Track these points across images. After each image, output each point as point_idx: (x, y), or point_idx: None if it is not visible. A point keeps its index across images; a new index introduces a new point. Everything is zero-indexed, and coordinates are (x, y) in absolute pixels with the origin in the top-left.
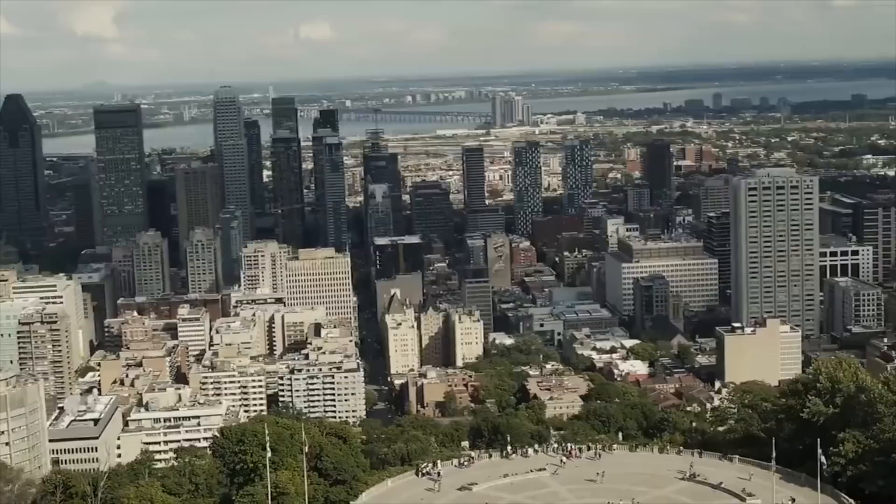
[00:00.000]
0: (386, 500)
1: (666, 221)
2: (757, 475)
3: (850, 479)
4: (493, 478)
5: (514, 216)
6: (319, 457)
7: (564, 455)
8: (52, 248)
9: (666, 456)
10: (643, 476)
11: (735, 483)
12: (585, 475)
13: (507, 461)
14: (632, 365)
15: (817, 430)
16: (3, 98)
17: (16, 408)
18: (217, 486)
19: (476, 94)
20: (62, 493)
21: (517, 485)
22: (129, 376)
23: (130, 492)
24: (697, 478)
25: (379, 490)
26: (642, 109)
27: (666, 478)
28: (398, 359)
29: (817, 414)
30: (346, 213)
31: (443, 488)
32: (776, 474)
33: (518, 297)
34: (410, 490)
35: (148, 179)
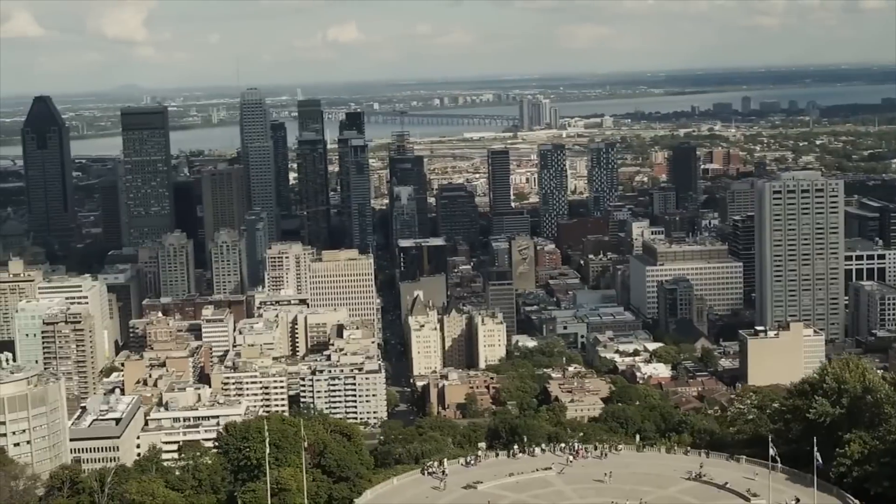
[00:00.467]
0: (391, 497)
1: (692, 224)
2: (763, 475)
3: (855, 479)
4: (498, 477)
5: (540, 219)
6: (323, 454)
7: (571, 455)
8: (79, 249)
9: (673, 456)
10: (649, 476)
11: (740, 483)
12: (591, 475)
13: (513, 461)
14: (654, 368)
15: (824, 430)
16: (32, 100)
17: (37, 406)
18: (222, 482)
19: (504, 97)
20: (69, 488)
21: (522, 484)
22: (152, 376)
23: (132, 487)
24: (703, 478)
25: (384, 488)
26: (670, 113)
27: (671, 478)
28: (420, 360)
29: (824, 415)
30: (371, 215)
31: (448, 487)
32: (782, 474)
33: (542, 300)
34: (416, 488)
35: (174, 181)
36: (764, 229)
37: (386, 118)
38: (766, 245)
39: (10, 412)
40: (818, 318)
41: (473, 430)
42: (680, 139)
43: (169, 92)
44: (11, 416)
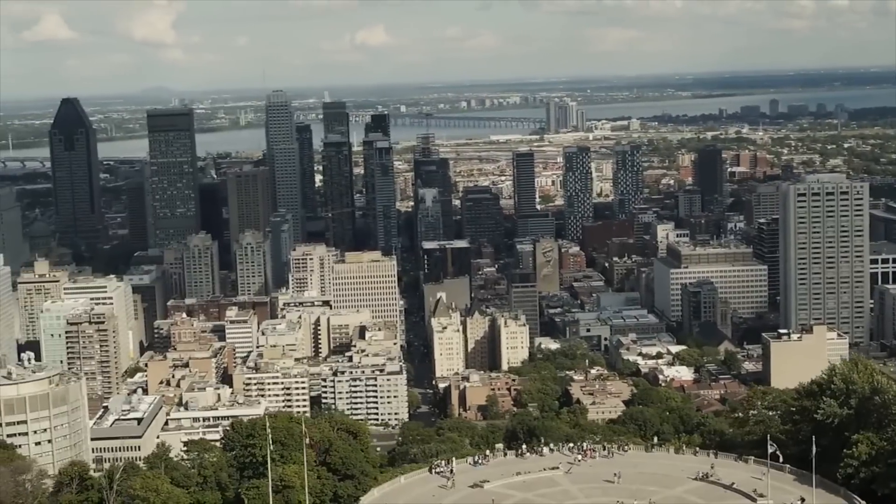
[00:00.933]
0: (398, 496)
1: (717, 227)
2: (771, 476)
3: (862, 480)
4: (505, 476)
5: (565, 221)
6: (328, 452)
7: (580, 454)
8: (106, 250)
9: (681, 456)
10: (656, 476)
11: (748, 483)
12: (599, 474)
13: (521, 460)
14: (677, 370)
15: (831, 431)
16: (60, 102)
17: (58, 406)
18: (229, 480)
19: (531, 99)
20: (78, 484)
21: (529, 483)
22: (175, 377)
23: (137, 483)
24: (710, 478)
25: (392, 486)
26: (697, 115)
27: (679, 478)
28: (443, 362)
29: (831, 415)
30: (396, 217)
31: (455, 485)
32: (790, 475)
33: (566, 302)
34: (423, 487)
35: (200, 182)
36: (788, 232)
37: (413, 121)
38: (790, 248)
39: (31, 411)
40: (843, 322)
41: (492, 431)
42: (707, 142)
43: (197, 94)
44: (33, 416)
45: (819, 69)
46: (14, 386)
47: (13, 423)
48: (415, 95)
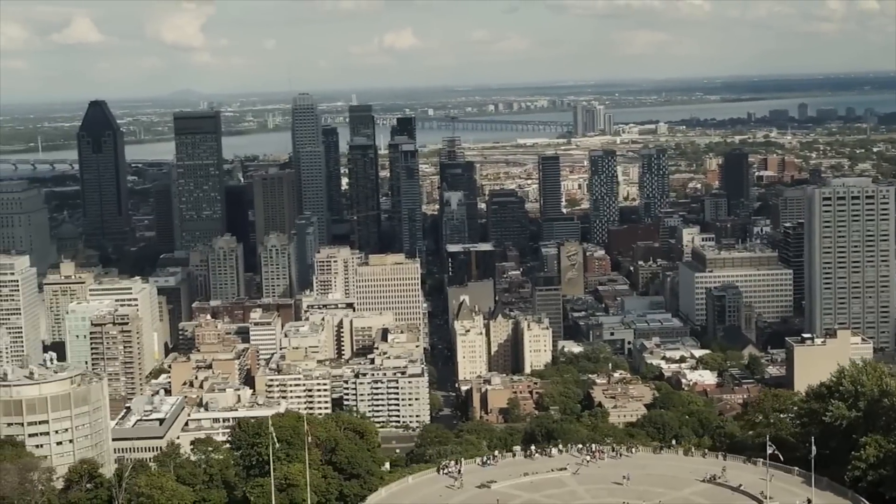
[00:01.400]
0: (405, 495)
1: (743, 231)
2: (779, 478)
3: (870, 483)
4: (513, 476)
5: (590, 225)
6: (334, 451)
7: (589, 455)
8: (133, 252)
9: (690, 458)
10: (664, 477)
11: (755, 485)
12: (606, 476)
13: (530, 461)
14: (700, 375)
15: (840, 433)
16: (88, 105)
17: (79, 406)
18: (235, 478)
19: (558, 103)
20: (88, 482)
21: (536, 484)
22: (198, 378)
23: (142, 480)
24: (718, 480)
25: (399, 486)
26: (726, 119)
27: (686, 480)
28: (466, 365)
29: (840, 418)
30: (421, 220)
31: (462, 486)
32: (798, 477)
33: (590, 306)
34: (430, 487)
35: (226, 185)
36: (813, 236)
37: (439, 124)
38: (815, 252)
39: (52, 411)
40: (868, 327)
41: (510, 433)
42: (734, 146)
43: (225, 97)
44: (54, 415)
45: (849, 73)
46: (36, 386)
47: (35, 423)
48: (442, 99)
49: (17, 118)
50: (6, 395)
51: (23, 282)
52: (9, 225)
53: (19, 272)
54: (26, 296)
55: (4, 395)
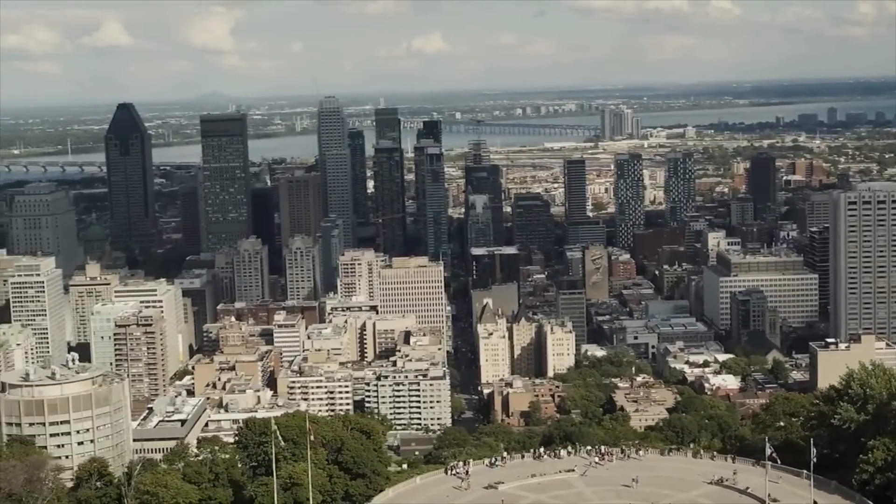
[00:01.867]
0: (412, 495)
1: (770, 236)
2: (787, 481)
3: (878, 486)
4: (521, 477)
5: (616, 229)
6: (340, 451)
7: (598, 457)
8: (159, 254)
9: (699, 461)
10: (671, 480)
11: (763, 488)
12: (614, 477)
13: (538, 462)
14: (723, 379)
15: (849, 436)
16: (115, 107)
17: (101, 406)
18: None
19: (586, 107)
20: (97, 480)
21: (543, 485)
22: (221, 380)
23: (147, 479)
24: (725, 482)
25: (406, 486)
26: (754, 124)
27: (694, 482)
28: (489, 368)
29: (848, 421)
30: (447, 223)
31: (470, 486)
32: (807, 480)
33: (614, 310)
34: (437, 487)
35: (252, 188)
36: (839, 241)
37: (467, 128)
38: (840, 257)
39: (74, 411)
40: (893, 332)
41: (529, 436)
42: (762, 150)
43: (254, 100)
44: (76, 416)
45: (879, 77)
46: (58, 386)
47: (56, 423)
48: (470, 102)
49: (48, 121)
50: (28, 395)
51: (48, 283)
52: (36, 227)
53: (45, 273)
54: (52, 297)
55: (26, 396)
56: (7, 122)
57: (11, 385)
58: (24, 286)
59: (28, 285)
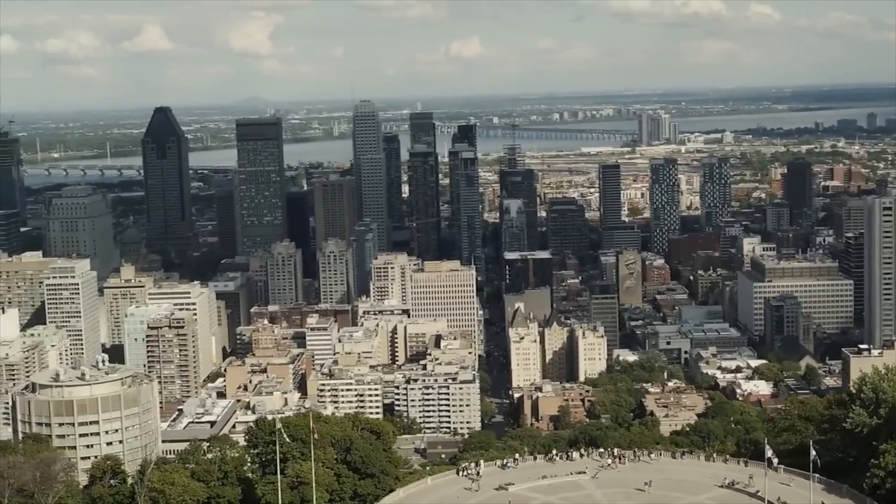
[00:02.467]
0: (422, 496)
1: (805, 241)
2: (799, 485)
3: (888, 491)
4: (532, 479)
5: (651, 234)
6: (349, 450)
7: (610, 459)
8: (195, 257)
9: (711, 464)
10: (682, 482)
11: (773, 491)
12: (625, 480)
13: (550, 464)
14: (755, 385)
15: (861, 440)
16: (153, 111)
17: (130, 407)
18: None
19: (624, 112)
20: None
21: (554, 486)
22: (252, 382)
23: (155, 476)
24: (736, 485)
25: (417, 487)
26: (793, 129)
27: (705, 485)
28: (520, 372)
29: (860, 424)
30: (481, 228)
31: (481, 487)
32: (819, 484)
33: (648, 315)
34: (448, 488)
35: (288, 191)
36: (873, 246)
37: (504, 132)
38: (875, 262)
39: (103, 412)
40: None
41: (555, 440)
42: (798, 155)
43: (292, 104)
44: (105, 416)
45: None
46: (87, 387)
47: (85, 423)
48: (507, 107)
49: (88, 125)
50: (58, 395)
51: (83, 285)
52: (73, 229)
53: (80, 276)
54: (86, 299)
55: (56, 396)
56: (48, 125)
57: (41, 385)
58: (59, 288)
59: (63, 287)
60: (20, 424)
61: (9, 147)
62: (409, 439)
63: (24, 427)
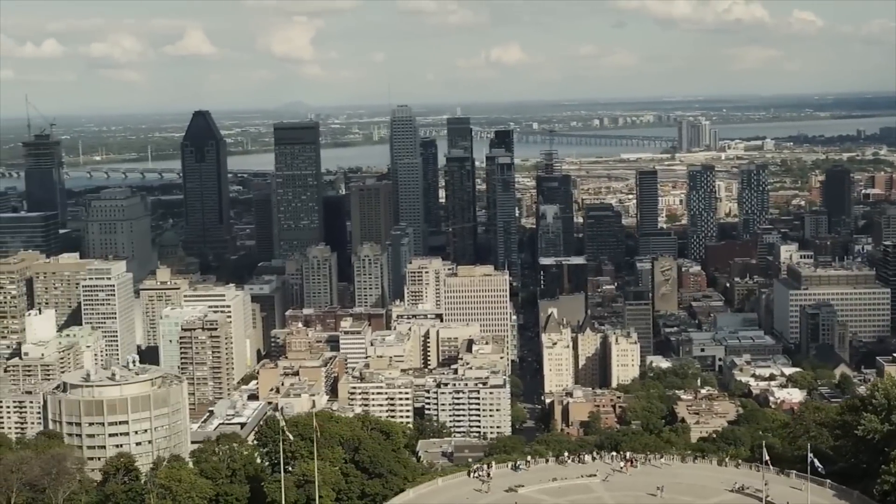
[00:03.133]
0: (431, 497)
1: (844, 249)
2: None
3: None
4: (542, 481)
5: (688, 240)
6: (357, 450)
7: (622, 462)
8: (232, 260)
9: (723, 469)
10: (693, 487)
11: (783, 496)
12: (636, 483)
13: (562, 467)
14: (788, 393)
15: (872, 447)
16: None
17: (159, 407)
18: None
19: (665, 118)
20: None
21: (563, 489)
22: (284, 384)
23: (162, 472)
24: (746, 490)
25: (428, 488)
26: (834, 136)
27: (715, 489)
28: (552, 378)
29: (872, 431)
30: (519, 233)
31: (491, 489)
32: (830, 490)
33: (683, 322)
34: (458, 489)
35: (325, 195)
36: None
37: (543, 138)
38: None
39: (133, 412)
40: None
41: (581, 445)
42: (837, 163)
43: (333, 109)
44: (134, 416)
45: None
46: (117, 387)
47: (115, 423)
48: (548, 113)
49: (130, 128)
50: (88, 395)
51: (119, 287)
52: (111, 231)
53: (115, 277)
54: (122, 300)
55: (87, 396)
56: (91, 128)
57: (72, 385)
58: (94, 289)
59: (99, 289)
60: (51, 424)
61: (50, 150)
62: (436, 443)
63: (55, 426)
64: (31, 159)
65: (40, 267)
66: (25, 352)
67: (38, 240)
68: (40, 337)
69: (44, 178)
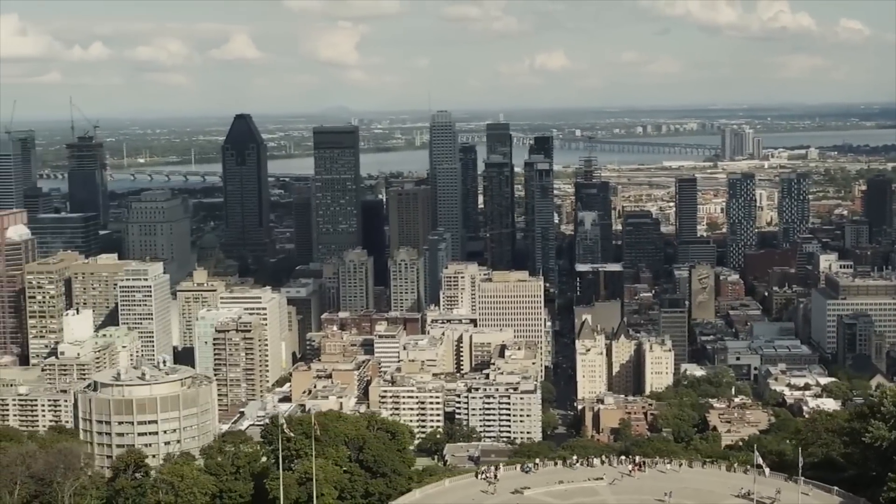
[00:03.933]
0: (438, 497)
1: (884, 259)
2: (817, 497)
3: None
4: (549, 483)
5: (727, 249)
6: (362, 449)
7: (631, 466)
8: (271, 263)
9: (731, 474)
10: (699, 492)
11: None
12: (643, 487)
13: (570, 470)
14: (822, 402)
15: (880, 454)
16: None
17: (188, 407)
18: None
19: (708, 126)
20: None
21: (569, 491)
22: (317, 387)
23: (165, 469)
24: (751, 495)
25: (435, 488)
26: (879, 146)
27: (721, 494)
28: (585, 384)
29: (879, 438)
30: (557, 239)
31: (497, 490)
32: (838, 497)
33: (719, 330)
34: (465, 490)
35: (363, 200)
36: None
37: (586, 145)
38: None
39: (162, 412)
40: None
41: (607, 451)
42: (880, 172)
43: (376, 114)
44: (163, 416)
45: None
46: (147, 387)
47: (144, 423)
48: (590, 119)
49: (174, 131)
50: (118, 394)
51: (155, 288)
52: (151, 233)
53: (152, 278)
54: (158, 301)
55: (116, 395)
56: (136, 131)
57: (103, 384)
58: (131, 290)
59: (136, 289)
60: (81, 422)
61: (93, 152)
62: (463, 447)
63: (86, 425)
64: (74, 161)
65: (79, 267)
66: (62, 351)
67: (78, 240)
68: (77, 337)
69: (86, 179)
